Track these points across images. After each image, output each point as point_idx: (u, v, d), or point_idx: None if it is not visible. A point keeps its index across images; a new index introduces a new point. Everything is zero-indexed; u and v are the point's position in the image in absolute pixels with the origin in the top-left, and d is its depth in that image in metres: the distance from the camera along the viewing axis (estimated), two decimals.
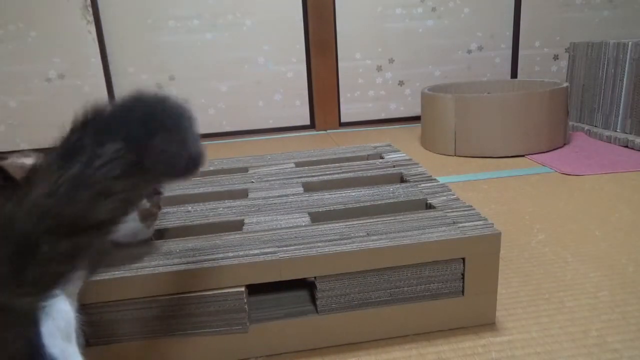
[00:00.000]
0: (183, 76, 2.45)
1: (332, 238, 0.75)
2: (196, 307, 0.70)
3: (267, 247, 0.73)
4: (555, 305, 0.83)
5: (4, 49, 2.28)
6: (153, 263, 0.71)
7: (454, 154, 1.87)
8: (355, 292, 0.74)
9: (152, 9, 2.35)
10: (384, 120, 2.64)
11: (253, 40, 2.45)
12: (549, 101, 1.78)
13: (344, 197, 0.93)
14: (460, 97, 1.81)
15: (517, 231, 1.14)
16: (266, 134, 2.55)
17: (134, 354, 0.71)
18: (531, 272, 0.95)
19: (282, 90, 2.54)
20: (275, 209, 0.89)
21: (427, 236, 0.74)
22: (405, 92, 2.61)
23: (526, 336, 0.75)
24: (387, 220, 0.80)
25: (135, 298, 0.69)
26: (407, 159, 1.15)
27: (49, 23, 2.29)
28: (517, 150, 1.79)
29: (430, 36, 2.55)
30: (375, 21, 2.50)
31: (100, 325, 0.70)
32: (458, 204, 0.86)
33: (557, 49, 2.63)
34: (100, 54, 2.34)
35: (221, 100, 2.51)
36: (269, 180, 1.07)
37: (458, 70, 2.61)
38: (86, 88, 2.38)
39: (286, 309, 0.76)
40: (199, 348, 0.72)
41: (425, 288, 0.75)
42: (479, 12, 2.54)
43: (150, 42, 2.38)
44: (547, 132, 1.81)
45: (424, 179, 1.00)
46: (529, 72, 2.64)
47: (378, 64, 2.56)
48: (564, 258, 1.00)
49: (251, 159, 1.27)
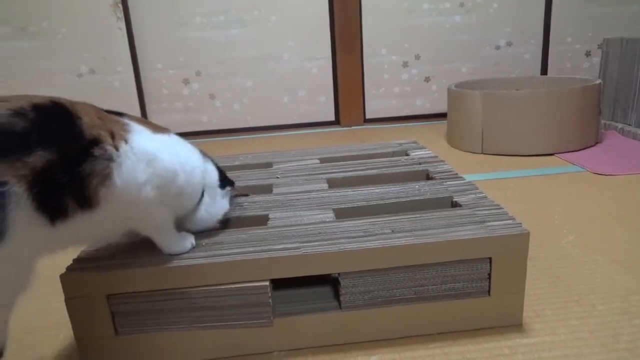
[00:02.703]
0: (209, 72, 2.47)
1: (356, 234, 0.75)
2: (221, 299, 0.71)
3: (291, 242, 0.74)
4: (586, 308, 0.81)
5: (37, 45, 2.35)
6: (180, 256, 0.72)
7: (481, 152, 1.84)
8: (379, 289, 0.73)
9: (179, 6, 2.38)
10: (409, 117, 2.61)
11: (278, 36, 2.46)
12: (580, 98, 1.73)
13: (368, 194, 0.93)
14: (488, 94, 1.78)
15: (545, 231, 1.11)
16: (290, 130, 2.56)
17: (160, 344, 0.73)
18: (560, 274, 0.92)
19: (306, 86, 2.54)
20: (299, 205, 0.90)
21: (453, 234, 0.73)
22: (432, 89, 2.58)
23: (554, 339, 0.74)
24: (412, 218, 0.80)
25: (162, 289, 0.70)
26: (433, 156, 1.14)
27: (80, 19, 2.34)
28: (546, 148, 1.75)
29: (458, 32, 2.51)
30: (402, 16, 2.47)
31: (129, 315, 0.71)
32: (485, 203, 0.84)
33: (589, 45, 2.55)
34: (130, 49, 2.39)
35: (246, 96, 2.53)
36: (293, 176, 1.07)
37: (486, 67, 2.56)
38: (116, 83, 2.42)
39: (310, 304, 0.76)
40: (223, 340, 0.73)
41: (451, 287, 0.74)
42: (508, 7, 2.49)
43: (178, 38, 2.42)
44: (578, 130, 1.76)
45: (450, 177, 0.99)
46: (560, 69, 2.58)
47: (404, 60, 2.53)
48: (595, 260, 0.97)
49: (275, 154, 1.28)
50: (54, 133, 0.52)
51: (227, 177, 0.83)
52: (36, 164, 0.50)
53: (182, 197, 0.70)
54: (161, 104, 2.49)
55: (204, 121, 2.54)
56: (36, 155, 0.50)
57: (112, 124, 0.60)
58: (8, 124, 0.49)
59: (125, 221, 0.66)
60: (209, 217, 0.78)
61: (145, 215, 0.66)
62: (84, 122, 0.56)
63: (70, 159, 0.53)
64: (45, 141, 0.51)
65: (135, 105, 2.44)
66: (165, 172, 0.64)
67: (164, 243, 0.72)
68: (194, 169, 0.72)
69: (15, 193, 0.48)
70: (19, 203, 0.49)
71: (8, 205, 0.48)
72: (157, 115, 2.50)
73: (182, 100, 2.50)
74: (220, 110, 2.54)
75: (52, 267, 0.60)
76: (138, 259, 0.71)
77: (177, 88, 2.48)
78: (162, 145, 0.65)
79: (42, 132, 0.51)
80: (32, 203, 0.50)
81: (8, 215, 0.48)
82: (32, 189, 0.50)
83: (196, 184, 0.73)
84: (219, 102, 2.53)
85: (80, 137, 0.55)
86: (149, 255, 0.72)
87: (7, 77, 2.36)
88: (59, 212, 0.53)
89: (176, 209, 0.71)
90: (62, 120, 0.54)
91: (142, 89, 2.45)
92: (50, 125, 0.52)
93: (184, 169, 0.68)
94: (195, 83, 2.48)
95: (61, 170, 0.52)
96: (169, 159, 0.65)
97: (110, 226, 0.66)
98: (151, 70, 2.45)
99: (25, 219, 0.50)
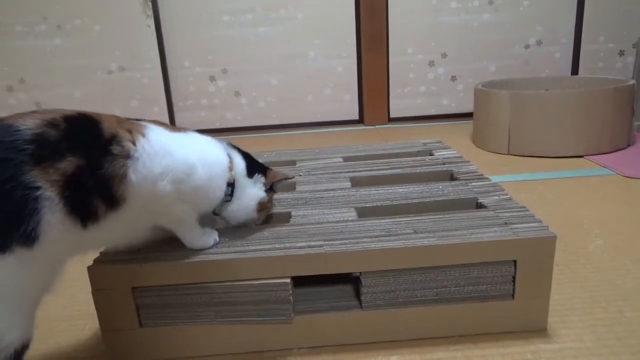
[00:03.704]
0: (235, 69, 2.50)
1: (378, 234, 0.75)
2: (242, 295, 0.72)
3: (313, 240, 0.74)
4: (613, 315, 0.79)
5: (71, 42, 2.41)
6: (204, 251, 0.73)
7: (508, 153, 1.80)
8: (400, 290, 0.73)
9: (207, 4, 2.40)
10: (434, 116, 2.58)
11: (304, 34, 2.46)
12: (613, 99, 1.68)
13: (391, 194, 0.92)
14: (516, 94, 1.75)
15: (573, 235, 1.09)
16: (315, 128, 2.56)
17: (182, 337, 0.74)
18: (588, 279, 0.90)
19: (331, 85, 2.54)
20: (322, 203, 0.90)
21: (477, 236, 0.72)
22: (458, 88, 2.55)
23: (580, 345, 0.72)
24: (435, 218, 0.79)
25: (185, 284, 0.71)
26: (458, 157, 1.13)
27: (111, 17, 2.39)
28: (575, 150, 1.71)
29: (486, 30, 2.47)
30: (429, 15, 2.45)
31: (153, 308, 0.73)
32: (511, 204, 0.83)
33: (623, 44, 2.47)
34: (158, 47, 2.43)
35: (271, 94, 2.55)
36: (317, 174, 1.07)
37: (515, 66, 2.51)
38: (144, 80, 2.47)
39: (330, 303, 0.76)
40: (243, 336, 0.74)
41: (474, 289, 0.73)
42: (538, 4, 2.43)
43: (205, 36, 2.44)
44: (609, 132, 1.71)
45: (475, 178, 0.98)
46: (592, 69, 2.51)
47: (430, 59, 2.51)
48: (625, 265, 0.94)
49: (299, 152, 1.28)
50: (82, 140, 0.56)
51: (257, 164, 0.81)
52: (67, 169, 0.53)
53: (202, 191, 0.70)
54: (187, 101, 2.53)
55: (229, 118, 2.57)
56: (66, 161, 0.53)
57: (130, 124, 0.63)
58: (44, 133, 0.53)
59: (150, 216, 0.68)
60: (242, 209, 0.77)
61: (165, 210, 0.67)
62: (105, 125, 0.59)
63: (94, 161, 0.56)
64: (74, 148, 0.54)
65: (163, 102, 2.48)
66: (181, 165, 0.65)
67: (186, 238, 0.73)
68: (214, 162, 0.72)
69: (48, 197, 0.52)
70: (51, 207, 0.52)
71: (42, 209, 0.51)
72: (183, 112, 2.53)
73: (208, 98, 2.53)
74: (246, 107, 2.56)
75: (80, 260, 0.62)
76: (163, 253, 0.73)
77: (203, 85, 2.51)
78: (177, 140, 0.67)
79: (72, 139, 0.55)
80: (64, 207, 0.53)
81: (42, 219, 0.51)
82: (63, 193, 0.53)
83: (217, 178, 0.73)
84: (245, 100, 2.55)
85: (101, 138, 0.58)
86: (174, 250, 0.73)
87: (42, 73, 2.44)
88: (90, 214, 0.56)
89: (198, 204, 0.71)
90: (88, 128, 0.58)
91: (169, 86, 2.49)
92: (79, 134, 0.56)
93: (202, 162, 0.68)
94: (222, 80, 2.51)
95: (88, 174, 0.55)
96: (184, 153, 0.66)
97: (138, 224, 0.68)
98: (178, 68, 2.48)
99: (57, 222, 0.53)
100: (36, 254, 0.51)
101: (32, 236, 0.50)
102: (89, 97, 2.48)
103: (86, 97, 2.48)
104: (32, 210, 0.50)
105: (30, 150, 0.51)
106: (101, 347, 0.77)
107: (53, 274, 0.57)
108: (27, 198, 0.50)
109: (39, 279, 0.55)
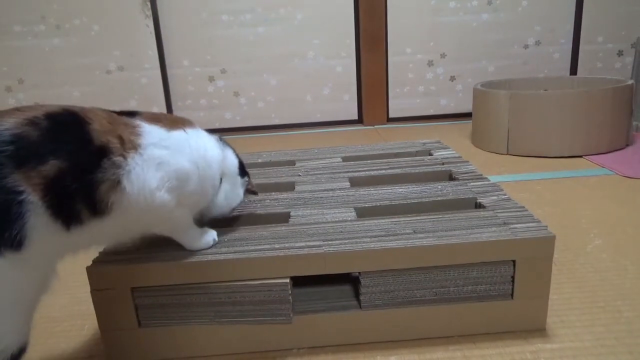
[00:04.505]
0: (234, 69, 2.50)
1: (377, 234, 0.75)
2: (242, 295, 0.72)
3: (312, 240, 0.74)
4: (612, 315, 0.79)
5: (70, 42, 2.41)
6: (203, 251, 0.73)
7: (507, 153, 1.80)
8: (399, 290, 0.73)
9: (206, 4, 2.40)
10: (433, 116, 2.59)
11: (303, 34, 2.46)
12: (611, 99, 1.68)
13: (390, 194, 0.92)
14: (515, 94, 1.75)
15: (572, 235, 1.09)
16: (314, 128, 2.56)
17: (182, 337, 0.74)
18: (586, 279, 0.90)
19: (330, 85, 2.54)
20: (321, 203, 0.90)
21: (476, 236, 0.72)
22: (457, 88, 2.55)
23: (579, 345, 0.72)
24: (434, 218, 0.79)
25: (185, 284, 0.71)
26: (457, 157, 1.13)
27: (110, 17, 2.39)
28: (574, 150, 1.71)
29: (485, 30, 2.47)
30: (428, 15, 2.45)
31: (152, 308, 0.73)
32: (510, 204, 0.83)
33: (622, 44, 2.48)
34: (157, 47, 2.43)
35: (270, 94, 2.55)
36: (316, 174, 1.07)
37: (513, 66, 2.51)
38: (143, 80, 2.47)
39: (330, 303, 0.76)
40: (243, 336, 0.74)
41: (472, 289, 0.74)
42: (537, 4, 2.43)
43: (204, 36, 2.44)
44: (608, 132, 1.71)
45: (474, 178, 0.98)
46: (591, 69, 2.51)
47: (429, 59, 2.51)
48: (623, 265, 0.94)
49: (298, 152, 1.28)
50: (66, 141, 0.53)
51: (244, 167, 0.82)
52: (49, 172, 0.51)
53: (200, 192, 0.70)
54: (186, 100, 2.53)
55: (228, 118, 2.57)
56: (49, 164, 0.51)
57: (122, 128, 0.60)
58: (24, 133, 0.50)
59: (144, 227, 0.67)
60: (226, 204, 0.77)
61: (163, 219, 0.66)
62: (94, 128, 0.56)
63: (80, 166, 0.54)
64: (57, 150, 0.52)
65: (162, 102, 2.48)
66: (178, 173, 0.64)
67: (185, 241, 0.73)
68: (210, 162, 0.70)
69: (31, 202, 0.50)
70: (35, 211, 0.50)
71: (25, 213, 0.50)
72: (182, 112, 2.53)
73: (207, 98, 2.53)
74: (245, 107, 2.56)
75: (79, 259, 0.62)
76: (162, 253, 0.73)
77: (202, 85, 2.51)
78: (173, 145, 0.64)
79: (55, 140, 0.52)
80: (46, 210, 0.51)
81: (26, 223, 0.50)
82: (45, 197, 0.51)
83: (213, 176, 0.72)
84: (244, 100, 2.55)
85: (89, 144, 0.55)
86: (174, 250, 0.73)
87: (41, 73, 2.43)
88: (73, 218, 0.54)
89: (195, 204, 0.71)
90: (74, 128, 0.55)
91: (168, 86, 2.49)
92: (62, 134, 0.54)
93: (198, 165, 0.67)
94: (221, 80, 2.51)
95: (72, 178, 0.53)
96: (180, 160, 0.64)
97: (129, 231, 0.67)
98: (177, 68, 2.48)
99: (42, 225, 0.51)
100: (25, 257, 0.50)
101: (18, 240, 0.49)
102: (88, 97, 2.48)
103: (85, 97, 2.48)
104: (16, 215, 0.49)
105: (9, 152, 0.49)
106: (100, 347, 0.77)
107: (45, 275, 0.55)
108: (10, 203, 0.49)
109: (31, 281, 0.54)
